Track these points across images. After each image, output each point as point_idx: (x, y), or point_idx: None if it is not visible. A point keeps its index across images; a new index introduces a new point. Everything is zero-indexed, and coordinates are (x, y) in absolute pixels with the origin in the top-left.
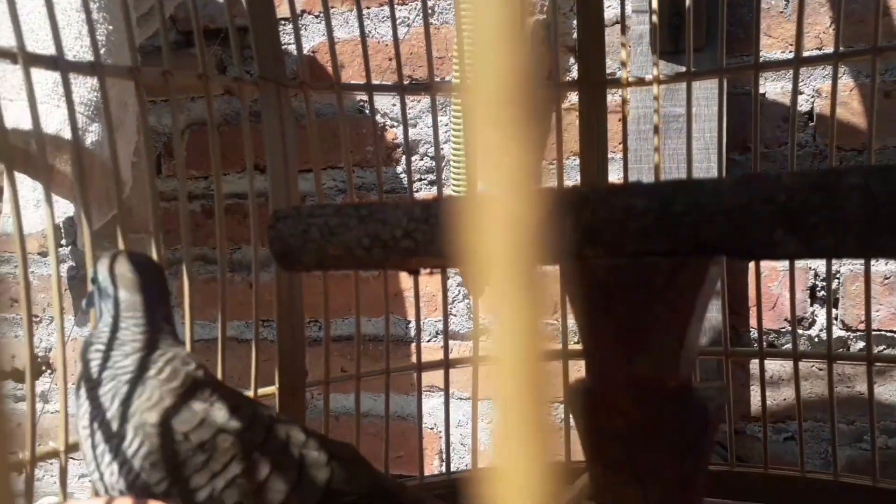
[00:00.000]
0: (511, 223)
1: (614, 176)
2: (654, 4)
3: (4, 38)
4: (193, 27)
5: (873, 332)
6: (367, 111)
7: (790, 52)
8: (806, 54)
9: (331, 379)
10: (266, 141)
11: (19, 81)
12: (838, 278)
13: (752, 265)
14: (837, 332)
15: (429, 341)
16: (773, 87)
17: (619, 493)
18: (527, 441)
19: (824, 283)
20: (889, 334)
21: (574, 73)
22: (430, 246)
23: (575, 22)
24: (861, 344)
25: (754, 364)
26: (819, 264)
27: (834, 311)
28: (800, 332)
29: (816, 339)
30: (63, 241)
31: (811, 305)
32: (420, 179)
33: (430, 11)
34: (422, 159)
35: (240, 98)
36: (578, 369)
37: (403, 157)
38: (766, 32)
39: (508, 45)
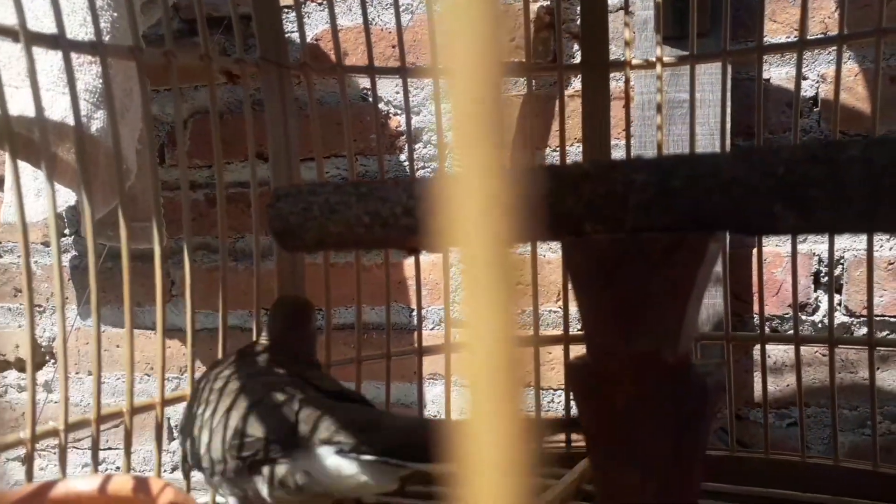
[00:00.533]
0: (484, 204)
1: None
2: None
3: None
4: (196, 11)
5: (878, 318)
6: (371, 99)
7: (795, 37)
8: (810, 38)
9: (332, 363)
10: (268, 125)
11: (25, 69)
12: (842, 264)
13: (755, 251)
14: (841, 318)
15: (432, 329)
16: (778, 73)
17: (617, 476)
18: (499, 429)
19: (828, 269)
20: (893, 320)
21: (578, 59)
22: (431, 223)
23: (579, 9)
24: (864, 330)
25: (758, 350)
26: (823, 250)
27: (838, 297)
28: (803, 317)
29: (820, 325)
30: (66, 231)
31: (815, 291)
32: (424, 168)
33: None
34: (425, 147)
35: (241, 79)
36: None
37: (406, 144)
38: (770, 17)
39: (479, 25)
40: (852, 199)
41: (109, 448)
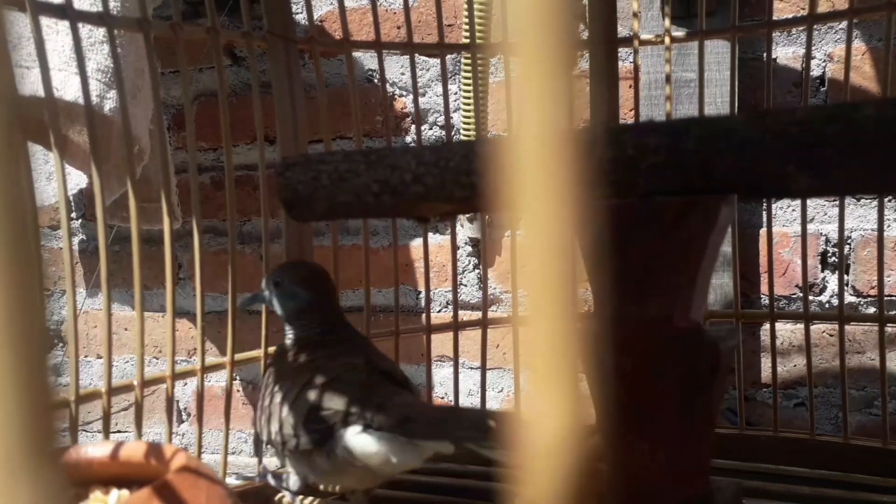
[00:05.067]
0: (552, 164)
1: None
2: None
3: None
4: None
5: (886, 298)
6: (376, 80)
7: (802, 14)
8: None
9: None
10: (276, 101)
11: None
12: (849, 244)
13: (762, 231)
14: (849, 298)
15: (439, 311)
16: (784, 52)
17: (627, 445)
18: (558, 398)
19: (835, 250)
20: None
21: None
22: (441, 191)
23: None
24: (871, 310)
25: (764, 331)
26: (829, 230)
27: (845, 277)
28: (811, 298)
29: (827, 305)
30: (73, 215)
31: (822, 272)
32: None
33: None
34: (431, 129)
35: (248, 54)
36: None
37: (413, 125)
38: None
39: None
40: (867, 159)
41: (118, 431)
